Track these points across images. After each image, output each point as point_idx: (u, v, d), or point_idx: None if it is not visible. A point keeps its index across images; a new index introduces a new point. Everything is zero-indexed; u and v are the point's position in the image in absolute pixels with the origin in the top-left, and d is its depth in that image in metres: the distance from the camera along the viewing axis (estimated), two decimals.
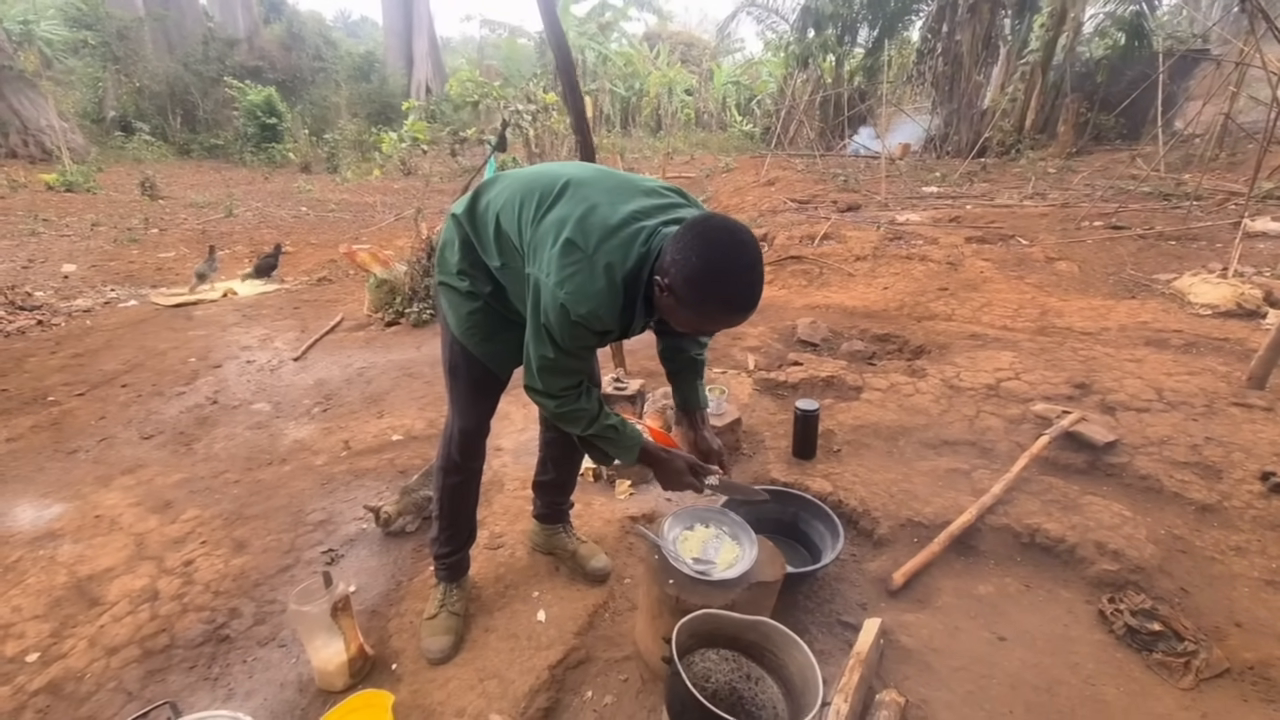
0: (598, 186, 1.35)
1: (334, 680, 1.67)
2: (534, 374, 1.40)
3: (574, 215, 1.28)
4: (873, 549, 2.23)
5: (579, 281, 1.23)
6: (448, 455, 1.73)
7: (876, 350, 3.92)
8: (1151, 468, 2.44)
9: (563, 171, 1.42)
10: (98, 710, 1.65)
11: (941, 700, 1.67)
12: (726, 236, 1.16)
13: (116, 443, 3.00)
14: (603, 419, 1.48)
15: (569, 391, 1.43)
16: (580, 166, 1.45)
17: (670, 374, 1.78)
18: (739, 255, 1.16)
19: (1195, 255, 5.04)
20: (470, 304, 1.55)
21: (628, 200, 1.32)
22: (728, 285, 1.16)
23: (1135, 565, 2.00)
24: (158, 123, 15.75)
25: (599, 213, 1.27)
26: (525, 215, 1.38)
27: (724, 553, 1.70)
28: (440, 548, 1.84)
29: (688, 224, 1.20)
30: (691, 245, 1.16)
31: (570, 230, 1.26)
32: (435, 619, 1.80)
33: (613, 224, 1.26)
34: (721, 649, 1.53)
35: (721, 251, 1.15)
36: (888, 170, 9.68)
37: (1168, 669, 1.72)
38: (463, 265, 1.54)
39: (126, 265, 6.64)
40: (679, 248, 1.17)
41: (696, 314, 1.21)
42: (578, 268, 1.24)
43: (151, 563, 2.19)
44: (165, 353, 4.06)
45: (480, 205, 1.50)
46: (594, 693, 1.71)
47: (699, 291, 1.16)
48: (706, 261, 1.14)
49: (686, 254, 1.16)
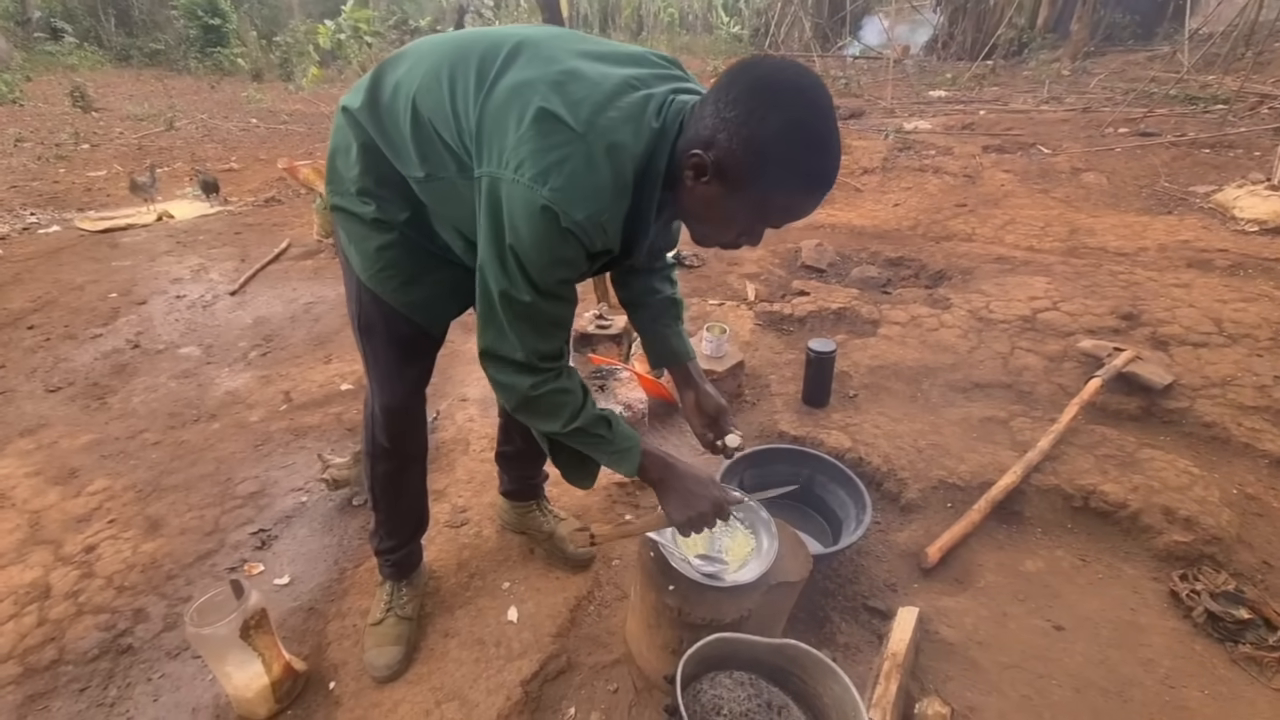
0: (564, 47, 0.94)
1: (255, 708, 1.35)
2: (500, 331, 0.96)
3: (545, 79, 0.88)
4: (900, 516, 1.93)
5: (571, 171, 0.83)
6: (373, 439, 1.35)
7: (891, 276, 3.51)
8: (1216, 414, 2.13)
9: (508, 32, 0.99)
10: None
11: (993, 708, 1.40)
12: (806, 82, 0.80)
13: (16, 397, 2.57)
14: (590, 409, 1.06)
15: (549, 363, 1.01)
16: (529, 27, 1.03)
17: (642, 323, 1.36)
18: (826, 107, 0.80)
19: (1234, 165, 4.59)
20: (380, 236, 1.10)
21: (613, 64, 0.93)
22: (823, 150, 0.81)
23: (1211, 535, 1.71)
24: (89, 24, 14.19)
25: (584, 76, 0.88)
26: (462, 91, 0.95)
27: (735, 545, 1.37)
28: (381, 542, 1.49)
29: (737, 72, 0.82)
30: (759, 99, 0.78)
31: (546, 98, 0.86)
32: (381, 625, 1.47)
33: (608, 89, 0.87)
34: (736, 672, 1.22)
35: (808, 102, 0.79)
36: (892, 73, 8.89)
37: (1258, 665, 1.45)
38: (365, 182, 1.08)
39: (51, 185, 5.95)
40: (735, 108, 0.79)
41: (766, 200, 0.84)
42: (567, 151, 0.84)
43: (47, 549, 1.83)
44: (83, 287, 3.55)
45: (384, 91, 1.04)
46: (577, 710, 1.41)
47: (783, 164, 0.79)
48: (791, 120, 0.78)
49: (753, 112, 0.78)
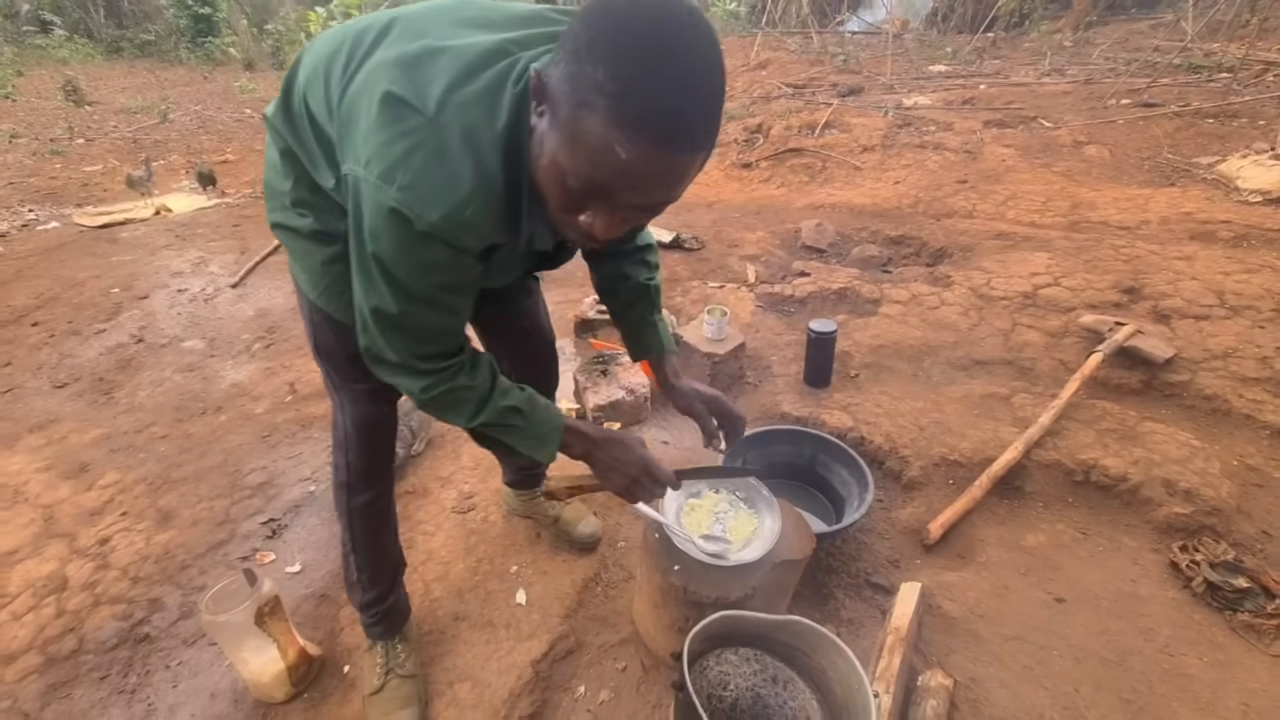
0: (442, 18, 0.84)
1: (272, 691, 1.38)
2: (374, 340, 0.88)
3: (401, 58, 0.77)
4: (902, 494, 1.94)
5: (421, 165, 0.73)
6: (347, 466, 1.23)
7: (892, 255, 3.50)
8: (1218, 386, 2.13)
9: (393, 10, 0.89)
10: None
11: (995, 678, 1.42)
12: (653, 7, 0.64)
13: (24, 393, 2.60)
14: (497, 398, 0.97)
15: (437, 363, 0.91)
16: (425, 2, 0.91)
17: (615, 312, 1.28)
18: (679, 31, 0.63)
19: (1238, 134, 4.53)
20: (323, 249, 1.00)
21: (492, 30, 0.81)
22: (663, 82, 0.62)
23: (1210, 506, 1.72)
24: (78, 16, 14.04)
25: (446, 50, 0.77)
26: (333, 82, 0.86)
27: (738, 525, 1.39)
28: (364, 594, 1.34)
29: (580, 12, 0.68)
30: (593, 29, 0.64)
31: (394, 80, 0.75)
32: (382, 693, 1.32)
33: (468, 61, 0.76)
34: (741, 648, 1.25)
35: (648, 27, 0.62)
36: (891, 48, 8.76)
37: (1256, 632, 1.47)
38: (298, 192, 0.99)
39: (48, 181, 5.94)
40: (569, 44, 0.66)
41: (599, 155, 0.65)
42: (415, 141, 0.73)
43: (61, 542, 1.85)
44: (84, 283, 3.55)
45: (295, 94, 0.94)
46: (587, 688, 1.44)
47: (612, 102, 0.62)
48: (623, 48, 0.62)
49: (582, 48, 0.64)
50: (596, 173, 0.67)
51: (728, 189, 5.00)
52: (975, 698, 1.39)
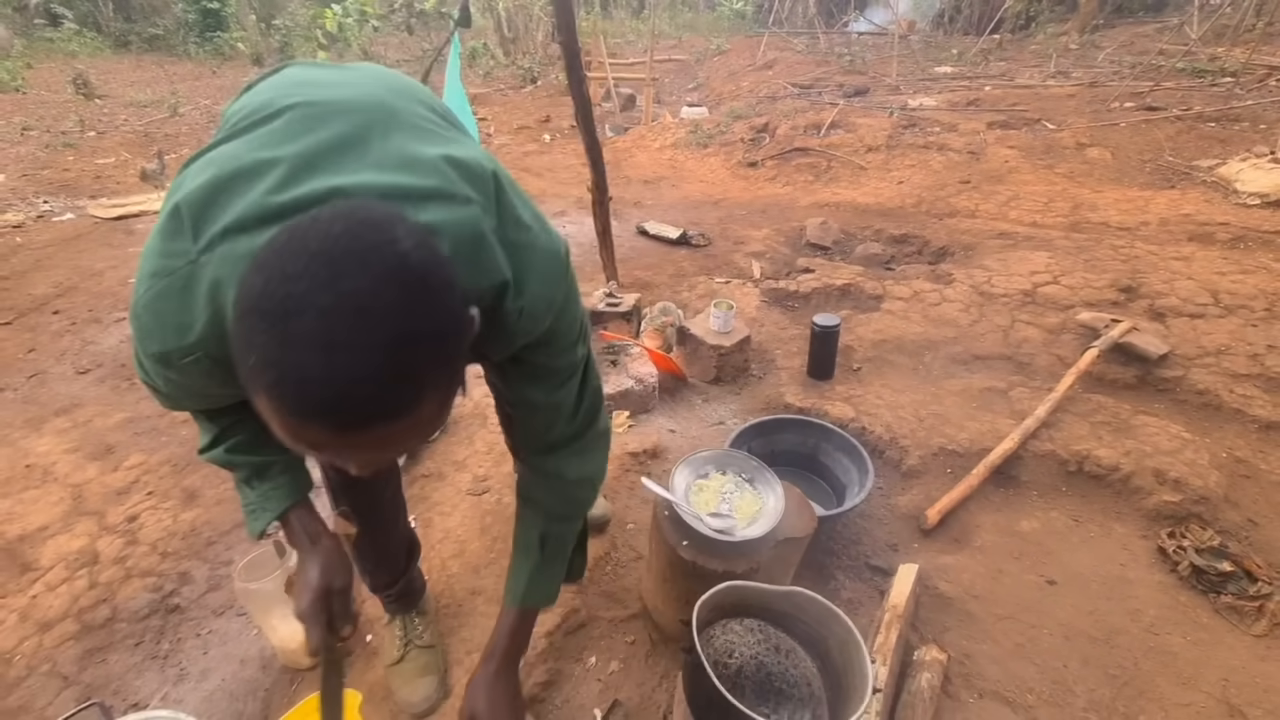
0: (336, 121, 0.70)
1: (299, 658, 1.46)
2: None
3: (217, 172, 0.67)
4: (902, 481, 2.01)
5: (157, 294, 0.67)
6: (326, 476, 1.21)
7: (895, 253, 3.56)
8: (1209, 381, 2.19)
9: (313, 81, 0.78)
10: (29, 698, 1.44)
11: (987, 654, 1.49)
12: (312, 248, 0.51)
13: (49, 379, 2.67)
14: (226, 453, 0.90)
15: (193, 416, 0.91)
16: (359, 76, 0.82)
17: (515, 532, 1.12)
18: (297, 302, 0.50)
19: (1239, 138, 4.59)
20: None
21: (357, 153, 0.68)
22: (264, 347, 0.51)
23: (1198, 495, 1.79)
24: (87, 9, 14.12)
25: (267, 172, 0.65)
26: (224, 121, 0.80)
27: (744, 504, 1.45)
28: (373, 582, 1.37)
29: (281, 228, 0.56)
30: (249, 269, 0.53)
31: (189, 194, 0.66)
32: (402, 663, 1.38)
33: (266, 208, 0.63)
34: (746, 619, 1.31)
35: (266, 282, 0.51)
36: (897, 49, 8.81)
37: (1238, 613, 1.54)
38: None
39: (61, 174, 6.01)
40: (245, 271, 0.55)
41: (252, 396, 0.54)
42: (168, 269, 0.66)
43: (91, 519, 1.93)
44: (103, 273, 3.63)
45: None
46: (598, 659, 1.51)
47: (238, 355, 0.53)
48: (241, 297, 0.52)
49: (240, 284, 0.54)
50: (272, 425, 0.56)
51: (734, 187, 5.07)
52: (968, 672, 1.46)
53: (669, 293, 3.14)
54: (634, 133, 6.90)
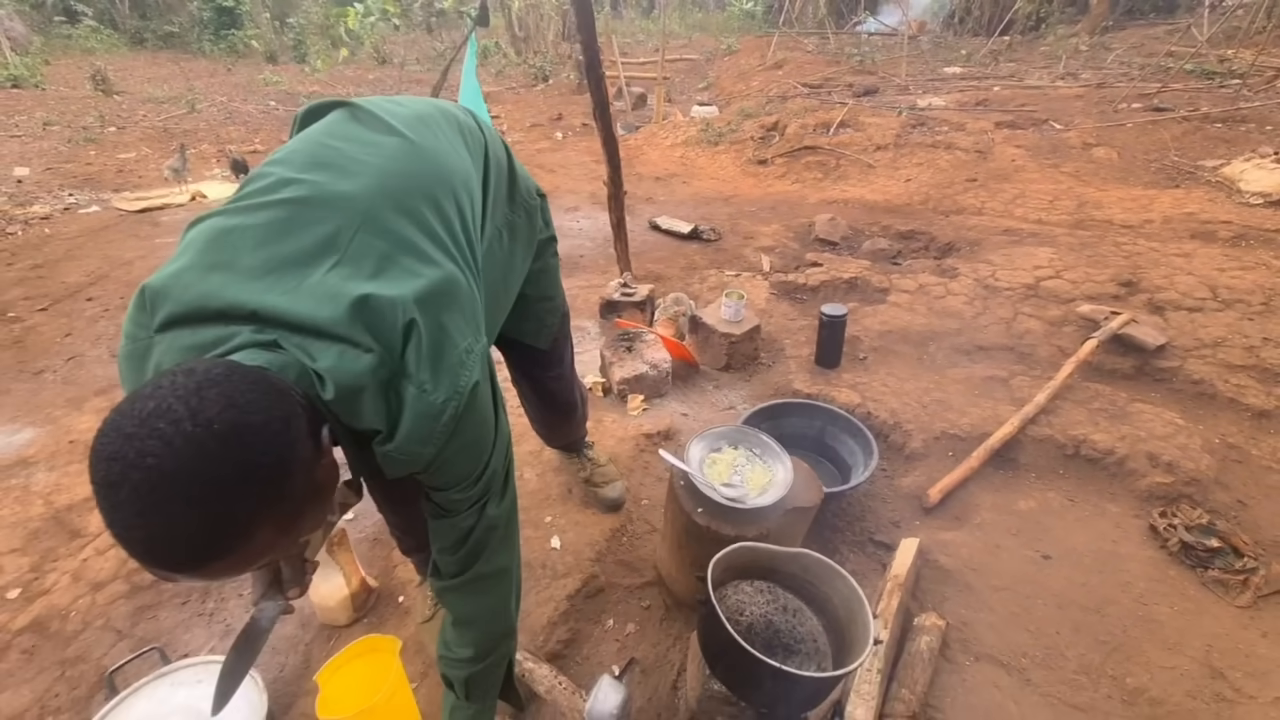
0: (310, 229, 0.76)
1: (337, 616, 1.56)
2: None
3: (195, 240, 0.77)
4: (905, 464, 2.09)
5: (127, 355, 0.75)
6: None
7: (901, 249, 3.64)
8: (1205, 372, 2.27)
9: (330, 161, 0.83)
10: (86, 649, 1.55)
11: (984, 622, 1.58)
12: (117, 438, 0.57)
13: (86, 361, 2.79)
14: None
15: None
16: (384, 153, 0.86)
17: None
18: (114, 478, 0.56)
19: (1244, 139, 4.63)
20: None
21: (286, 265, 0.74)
22: (102, 511, 0.58)
23: (1190, 477, 1.86)
24: (103, 6, 14.33)
25: (201, 277, 0.72)
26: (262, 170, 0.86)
27: (754, 476, 1.54)
28: (402, 544, 1.50)
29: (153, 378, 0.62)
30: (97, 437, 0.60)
31: (153, 281, 0.74)
32: (433, 621, 1.51)
33: (199, 308, 0.71)
34: (756, 580, 1.40)
35: (96, 459, 0.58)
36: (907, 50, 8.87)
37: (1224, 586, 1.62)
38: None
39: (84, 167, 6.16)
40: None
41: None
42: (134, 334, 0.74)
43: None
44: (132, 263, 3.75)
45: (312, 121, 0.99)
46: (615, 621, 1.61)
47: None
48: (91, 468, 0.58)
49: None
50: None
51: (744, 184, 5.15)
52: (965, 637, 1.55)
53: (681, 285, 3.23)
54: (645, 131, 6.99)
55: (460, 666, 1.04)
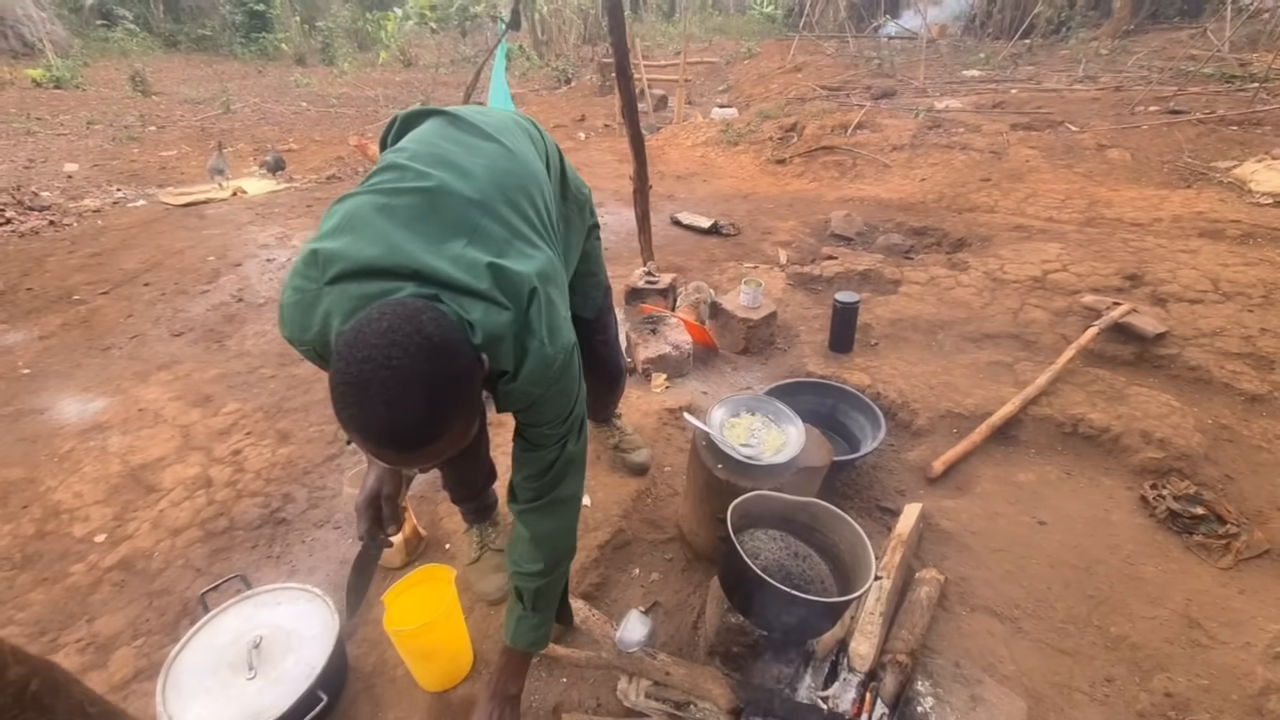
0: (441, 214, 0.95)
1: (392, 558, 1.73)
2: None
3: (357, 220, 0.93)
4: (911, 439, 2.23)
5: (296, 301, 0.93)
6: None
7: (914, 244, 3.77)
8: (1202, 359, 2.38)
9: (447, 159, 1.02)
10: (170, 584, 1.74)
11: (980, 578, 1.71)
12: (366, 335, 0.77)
13: (148, 340, 3.01)
14: None
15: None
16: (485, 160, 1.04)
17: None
18: (365, 370, 0.76)
19: (1260, 141, 4.69)
20: None
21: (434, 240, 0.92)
22: (348, 403, 0.78)
23: (1181, 453, 1.98)
24: (139, 10, 14.82)
25: (375, 244, 0.90)
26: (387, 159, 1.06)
27: (770, 439, 1.70)
28: (454, 493, 1.67)
29: (361, 317, 0.81)
30: (339, 346, 0.80)
31: (329, 239, 0.93)
32: (479, 562, 1.68)
33: (369, 266, 0.89)
34: (770, 529, 1.56)
35: (347, 364, 0.77)
36: (926, 53, 8.96)
37: (1207, 549, 1.74)
38: None
39: (129, 164, 6.45)
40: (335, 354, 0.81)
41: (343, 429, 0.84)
42: (305, 286, 0.92)
43: (200, 453, 2.24)
44: (183, 251, 3.99)
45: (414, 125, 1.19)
46: (640, 570, 1.77)
47: (335, 406, 0.80)
48: (335, 371, 0.78)
49: (335, 358, 0.80)
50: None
51: (763, 182, 5.29)
52: (963, 591, 1.68)
53: (701, 276, 3.38)
54: (666, 131, 7.15)
55: (530, 579, 1.19)
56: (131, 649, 1.56)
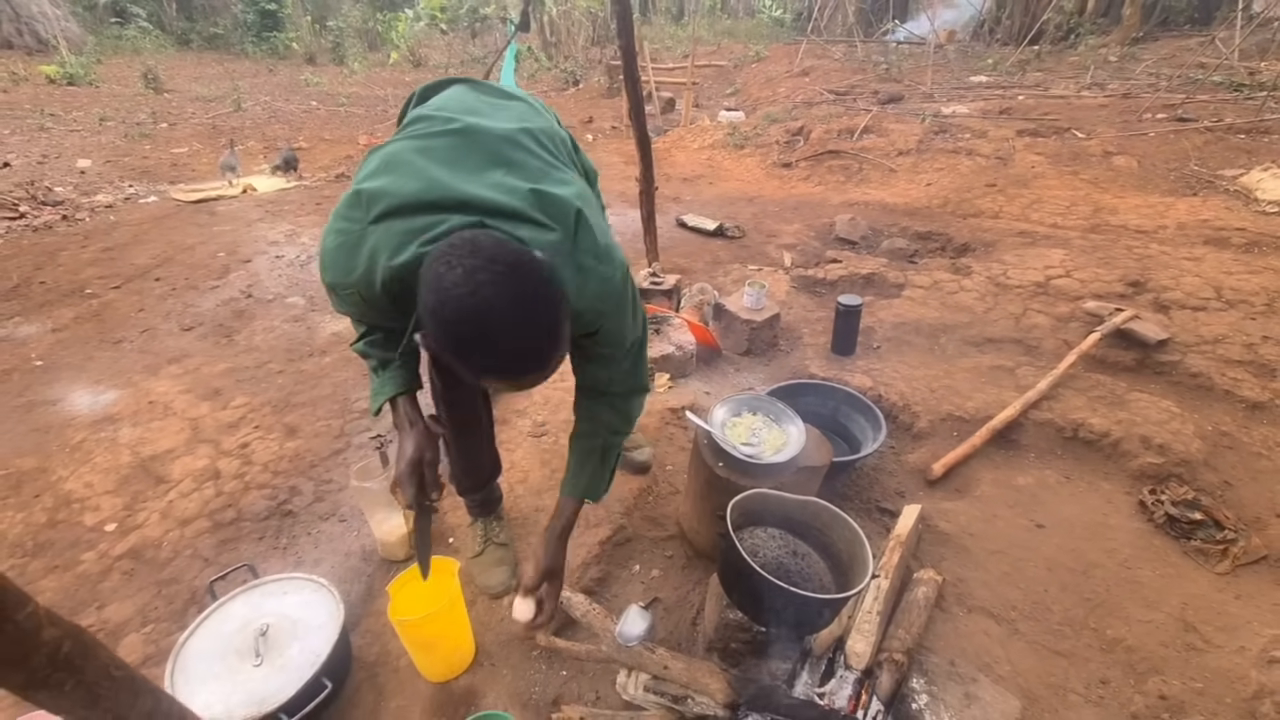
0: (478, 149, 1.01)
1: (395, 551, 1.76)
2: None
3: (397, 161, 0.99)
4: (912, 442, 2.25)
5: (338, 244, 0.97)
6: (433, 384, 1.46)
7: (919, 248, 3.78)
8: (1203, 366, 2.38)
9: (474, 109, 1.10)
10: (178, 573, 1.77)
11: (978, 579, 1.73)
12: (470, 276, 0.78)
13: (159, 334, 3.05)
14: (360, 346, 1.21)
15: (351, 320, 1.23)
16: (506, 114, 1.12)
17: (573, 436, 1.34)
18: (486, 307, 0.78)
19: (1267, 150, 4.68)
20: None
21: (473, 171, 0.98)
22: (472, 337, 0.80)
23: (1180, 459, 1.99)
24: (152, 8, 14.95)
25: (417, 180, 0.95)
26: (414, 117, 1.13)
27: (770, 438, 1.71)
28: (460, 483, 1.67)
29: (441, 246, 0.83)
30: (436, 273, 0.80)
31: (372, 179, 0.97)
32: (482, 556, 1.70)
33: (410, 202, 0.93)
34: (769, 528, 1.57)
35: (465, 295, 0.78)
36: (934, 59, 8.96)
37: (1205, 555, 1.75)
38: None
39: (141, 160, 6.52)
40: (425, 275, 0.83)
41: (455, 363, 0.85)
42: (347, 228, 0.97)
43: (209, 445, 2.27)
44: (193, 247, 4.04)
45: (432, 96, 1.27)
46: (641, 566, 1.79)
47: (440, 335, 0.82)
48: (442, 303, 0.79)
49: (429, 285, 0.81)
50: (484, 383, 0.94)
51: (768, 186, 5.31)
52: (960, 592, 1.70)
53: (705, 278, 3.41)
54: (673, 134, 7.18)
55: (619, 437, 1.33)
56: (140, 635, 1.59)
